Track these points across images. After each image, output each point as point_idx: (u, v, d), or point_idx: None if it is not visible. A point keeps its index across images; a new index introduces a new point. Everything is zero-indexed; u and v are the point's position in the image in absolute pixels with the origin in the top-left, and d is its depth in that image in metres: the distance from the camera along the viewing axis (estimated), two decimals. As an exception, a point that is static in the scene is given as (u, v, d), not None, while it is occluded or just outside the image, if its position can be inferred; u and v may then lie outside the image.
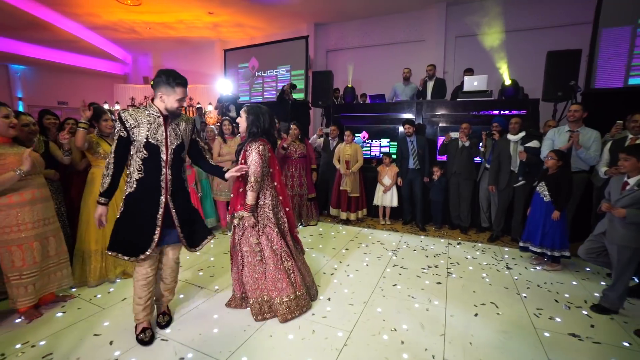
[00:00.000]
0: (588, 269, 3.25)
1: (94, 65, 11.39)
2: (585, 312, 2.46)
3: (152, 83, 1.87)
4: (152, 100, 1.90)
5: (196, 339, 2.05)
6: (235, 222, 2.29)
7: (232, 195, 2.35)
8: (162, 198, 1.89)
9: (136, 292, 1.99)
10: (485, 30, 7.41)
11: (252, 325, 2.20)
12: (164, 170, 1.87)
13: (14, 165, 1.99)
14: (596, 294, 2.67)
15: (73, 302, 2.45)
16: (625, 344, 2.09)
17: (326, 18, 8.69)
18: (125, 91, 11.26)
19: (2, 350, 1.90)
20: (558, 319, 2.35)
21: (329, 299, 2.57)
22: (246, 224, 2.23)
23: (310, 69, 7.60)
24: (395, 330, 2.18)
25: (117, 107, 9.92)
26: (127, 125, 1.78)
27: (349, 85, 6.55)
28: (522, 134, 3.75)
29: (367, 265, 3.28)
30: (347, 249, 3.71)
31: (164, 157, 1.87)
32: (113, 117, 2.82)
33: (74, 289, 2.61)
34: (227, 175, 2.15)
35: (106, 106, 10.01)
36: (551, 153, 3.07)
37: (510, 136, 3.80)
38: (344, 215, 4.72)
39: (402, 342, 2.05)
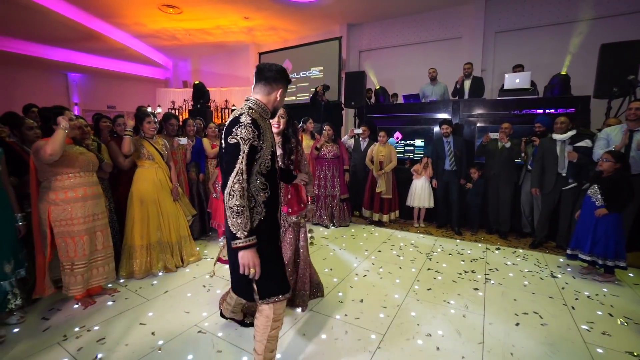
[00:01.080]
0: (648, 282, 2.97)
1: (139, 71, 12.19)
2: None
3: (266, 77, 1.47)
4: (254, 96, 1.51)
5: (232, 333, 2.12)
6: (302, 221, 2.38)
7: (289, 197, 2.30)
8: (279, 215, 1.58)
9: (270, 343, 1.56)
10: (528, 25, 6.99)
11: (285, 322, 2.24)
12: (280, 184, 1.64)
13: (78, 164, 2.19)
14: (658, 310, 2.43)
15: (121, 293, 2.63)
16: (695, 366, 1.88)
17: (358, 18, 8.64)
18: (167, 95, 11.93)
19: (64, 332, 2.10)
20: (612, 335, 2.17)
21: (361, 301, 2.56)
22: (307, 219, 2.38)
23: (343, 69, 7.60)
24: (430, 335, 2.12)
25: (159, 109, 10.54)
26: (260, 131, 1.38)
27: (377, 87, 6.48)
28: (572, 132, 3.49)
29: (400, 268, 3.22)
30: (379, 251, 3.66)
31: (276, 166, 1.54)
32: (155, 120, 2.98)
33: (122, 281, 2.81)
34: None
35: (149, 109, 10.69)
36: (607, 154, 2.82)
37: (556, 136, 3.55)
38: (376, 217, 4.67)
39: (438, 349, 1.99)
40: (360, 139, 4.99)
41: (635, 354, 1.97)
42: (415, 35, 8.29)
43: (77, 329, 2.13)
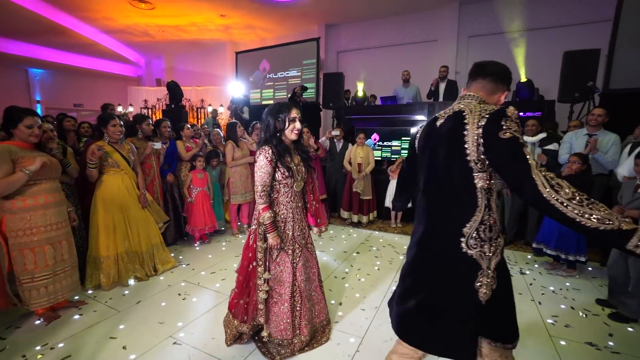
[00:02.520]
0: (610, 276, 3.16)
1: (109, 68, 11.65)
2: (604, 321, 2.39)
3: (491, 71, 1.26)
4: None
5: (209, 343, 2.07)
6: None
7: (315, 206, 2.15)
8: None
9: None
10: (499, 30, 7.28)
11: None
12: None
13: (38, 170, 2.06)
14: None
15: (89, 305, 2.50)
16: (647, 355, 2.03)
17: (337, 19, 8.67)
18: (139, 93, 11.49)
19: (23, 351, 1.96)
20: (575, 327, 2.30)
21: (340, 304, 2.57)
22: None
23: (321, 70, 7.60)
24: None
25: (131, 109, 10.13)
26: None
27: (362, 95, 6.52)
28: (542, 135, 3.66)
29: (378, 269, 3.26)
30: (358, 252, 3.70)
31: None
32: (121, 122, 2.84)
33: (90, 292, 2.67)
34: None
35: (119, 108, 10.23)
36: (575, 157, 2.97)
37: (527, 138, 3.72)
38: (355, 218, 4.71)
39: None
40: (336, 140, 5.01)
41: (593, 343, 2.11)
42: (392, 37, 8.43)
43: (38, 348, 2.00)
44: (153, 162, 3.40)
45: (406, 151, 4.92)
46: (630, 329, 2.30)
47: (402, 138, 5.12)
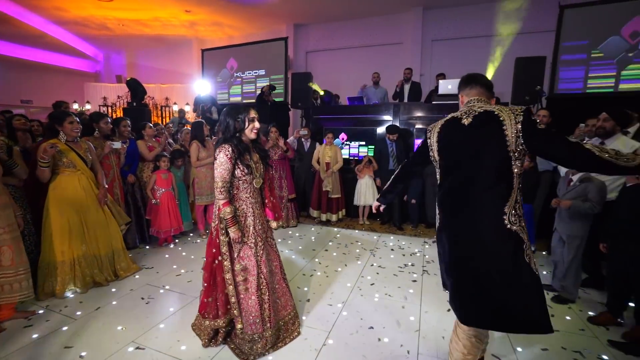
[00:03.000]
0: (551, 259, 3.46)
1: (62, 62, 10.87)
2: (547, 304, 2.62)
3: (486, 84, 1.57)
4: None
5: (174, 346, 2.03)
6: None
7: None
8: None
9: None
10: (460, 35, 7.68)
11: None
12: None
13: None
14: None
15: (41, 315, 2.35)
16: (580, 330, 2.26)
17: (305, 19, 8.71)
18: (97, 90, 10.82)
19: (-35, 366, 1.82)
20: (524, 312, 2.50)
21: (308, 300, 2.61)
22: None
23: (290, 69, 7.60)
24: (372, 328, 2.25)
25: (88, 107, 9.53)
26: None
27: (322, 93, 6.62)
28: None
29: (345, 265, 3.34)
30: (326, 250, 3.76)
31: None
32: (77, 120, 2.69)
33: (42, 301, 2.51)
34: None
35: (75, 106, 9.59)
36: (526, 156, 3.25)
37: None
38: (324, 217, 4.77)
39: (379, 340, 2.12)
40: (303, 140, 5.05)
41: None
42: (360, 39, 8.61)
43: (-17, 362, 1.86)
44: (112, 162, 3.25)
45: (372, 150, 5.06)
46: (568, 308, 2.54)
47: (371, 141, 5.26)
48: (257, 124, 1.94)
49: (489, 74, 6.62)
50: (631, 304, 2.33)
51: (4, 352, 1.96)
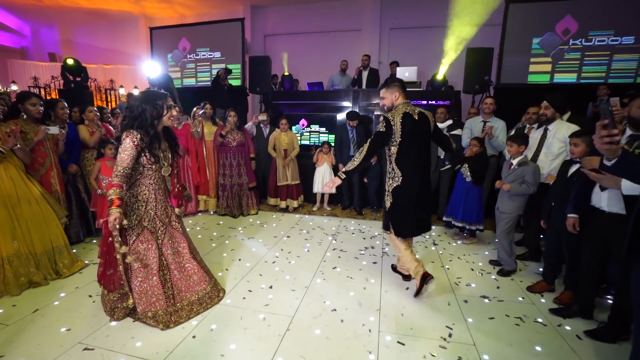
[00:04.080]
0: (497, 240, 3.78)
1: (-22, 35, 9.43)
2: (493, 277, 2.86)
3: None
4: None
5: (128, 343, 1.91)
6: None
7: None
8: None
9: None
10: (417, 24, 7.88)
11: (195, 319, 2.12)
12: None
13: None
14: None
15: (-33, 320, 2.08)
16: (520, 299, 2.51)
17: (263, 1, 8.38)
18: (25, 68, 9.59)
19: None
20: (473, 285, 2.71)
21: (270, 287, 2.59)
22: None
23: (247, 53, 7.30)
24: (335, 310, 2.29)
25: (14, 87, 8.40)
26: None
27: (286, 73, 6.48)
28: (449, 122, 4.14)
29: (308, 251, 3.36)
30: (288, 237, 3.75)
31: None
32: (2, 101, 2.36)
33: (-33, 305, 2.22)
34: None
35: (-1, 86, 8.42)
36: (475, 141, 3.46)
37: (438, 124, 4.16)
38: (283, 204, 4.73)
39: (342, 321, 2.17)
40: (262, 125, 4.91)
41: (486, 296, 2.52)
42: (319, 24, 8.49)
43: None
44: (49, 149, 2.90)
45: (332, 137, 5.07)
46: (511, 280, 2.80)
47: (331, 127, 5.26)
48: (174, 112, 1.98)
49: (444, 64, 6.90)
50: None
51: None
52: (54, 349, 1.85)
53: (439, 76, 5.72)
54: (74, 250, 2.94)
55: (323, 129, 5.30)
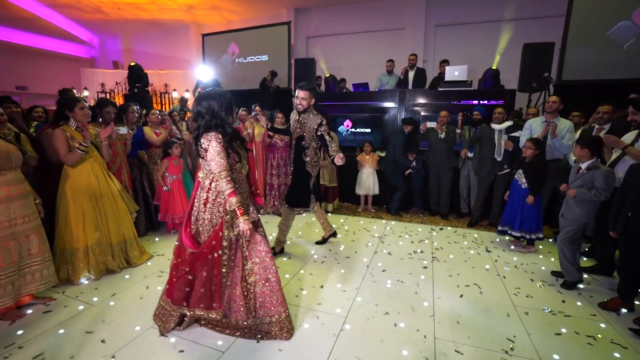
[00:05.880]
0: (558, 249, 3.50)
1: (56, 47, 10.61)
2: (557, 290, 2.67)
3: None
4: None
5: (194, 331, 2.05)
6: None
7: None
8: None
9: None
10: (464, 20, 7.55)
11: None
12: None
13: None
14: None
15: (59, 301, 2.36)
16: (592, 315, 2.31)
17: (306, 3, 8.52)
18: (94, 76, 10.60)
19: (-13, 352, 1.83)
20: (534, 296, 2.55)
21: (322, 287, 2.63)
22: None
23: (292, 56, 7.47)
24: (387, 313, 2.28)
25: (86, 93, 9.34)
26: None
27: (328, 75, 6.52)
28: (508, 123, 3.90)
29: (355, 252, 3.36)
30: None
31: None
32: (87, 105, 2.64)
33: (58, 288, 2.51)
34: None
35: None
36: (528, 142, 3.24)
37: (494, 125, 3.95)
38: (323, 206, 4.76)
39: (395, 325, 2.15)
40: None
41: (549, 310, 2.36)
42: (362, 24, 8.45)
43: (4, 348, 1.86)
44: (119, 148, 3.19)
45: (377, 138, 5.03)
46: (579, 294, 2.59)
47: (376, 128, 5.22)
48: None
49: (495, 61, 6.56)
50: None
51: (27, 336, 1.97)
52: (131, 331, 2.03)
53: (493, 65, 5.41)
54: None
55: (368, 130, 5.27)
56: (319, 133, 2.84)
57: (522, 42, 5.02)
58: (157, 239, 3.58)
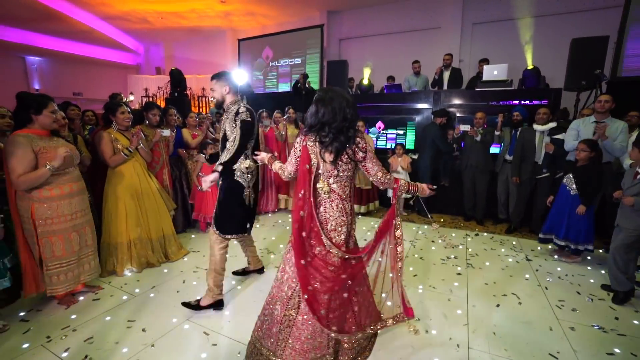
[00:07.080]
0: (609, 257, 3.22)
1: (107, 55, 11.49)
2: (609, 305, 2.45)
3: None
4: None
5: (226, 326, 2.12)
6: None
7: None
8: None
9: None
10: (504, 17, 7.19)
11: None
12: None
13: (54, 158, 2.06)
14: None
15: (105, 290, 2.55)
16: (652, 337, 2.09)
17: (339, 5, 8.54)
18: (139, 82, 11.36)
19: (48, 333, 2.02)
20: (581, 311, 2.36)
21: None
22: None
23: (324, 58, 7.52)
24: (419, 319, 2.22)
25: (132, 97, 10.03)
26: None
27: (367, 84, 6.45)
28: (552, 124, 3.65)
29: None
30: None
31: None
32: (129, 110, 2.82)
33: (103, 278, 2.71)
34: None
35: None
36: (583, 145, 2.93)
37: (537, 126, 3.70)
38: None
39: (427, 332, 2.09)
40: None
41: (599, 326, 2.17)
42: (394, 25, 8.31)
43: (61, 330, 2.05)
44: (162, 149, 3.39)
45: (409, 139, 4.91)
46: (635, 312, 2.36)
47: (408, 125, 5.12)
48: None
49: (537, 58, 6.15)
50: None
51: (79, 320, 2.16)
52: (168, 322, 2.15)
53: (528, 64, 5.08)
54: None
55: (401, 132, 5.17)
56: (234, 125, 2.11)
57: (566, 37, 4.67)
58: (193, 236, 3.75)
